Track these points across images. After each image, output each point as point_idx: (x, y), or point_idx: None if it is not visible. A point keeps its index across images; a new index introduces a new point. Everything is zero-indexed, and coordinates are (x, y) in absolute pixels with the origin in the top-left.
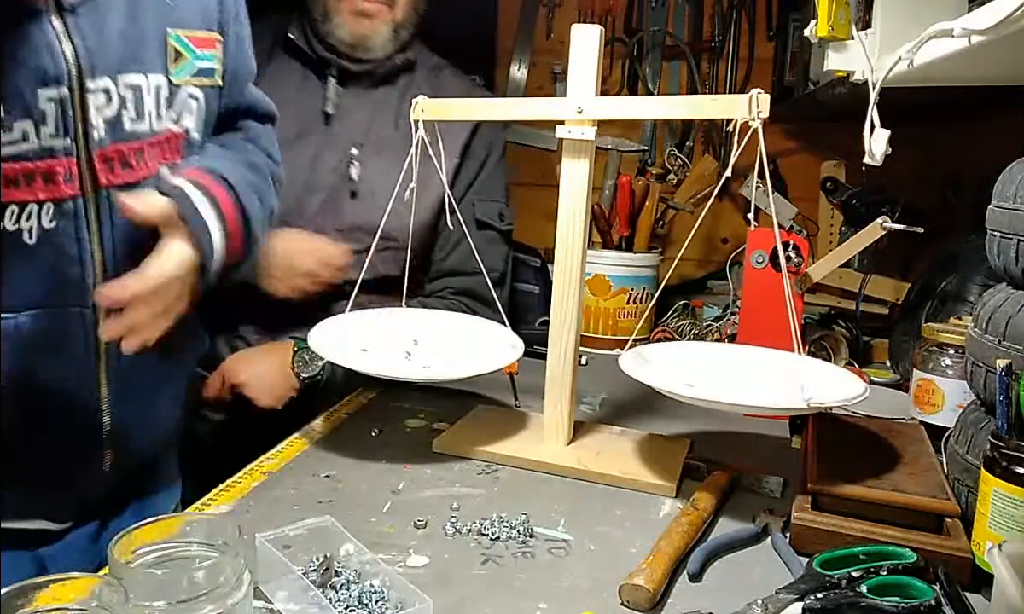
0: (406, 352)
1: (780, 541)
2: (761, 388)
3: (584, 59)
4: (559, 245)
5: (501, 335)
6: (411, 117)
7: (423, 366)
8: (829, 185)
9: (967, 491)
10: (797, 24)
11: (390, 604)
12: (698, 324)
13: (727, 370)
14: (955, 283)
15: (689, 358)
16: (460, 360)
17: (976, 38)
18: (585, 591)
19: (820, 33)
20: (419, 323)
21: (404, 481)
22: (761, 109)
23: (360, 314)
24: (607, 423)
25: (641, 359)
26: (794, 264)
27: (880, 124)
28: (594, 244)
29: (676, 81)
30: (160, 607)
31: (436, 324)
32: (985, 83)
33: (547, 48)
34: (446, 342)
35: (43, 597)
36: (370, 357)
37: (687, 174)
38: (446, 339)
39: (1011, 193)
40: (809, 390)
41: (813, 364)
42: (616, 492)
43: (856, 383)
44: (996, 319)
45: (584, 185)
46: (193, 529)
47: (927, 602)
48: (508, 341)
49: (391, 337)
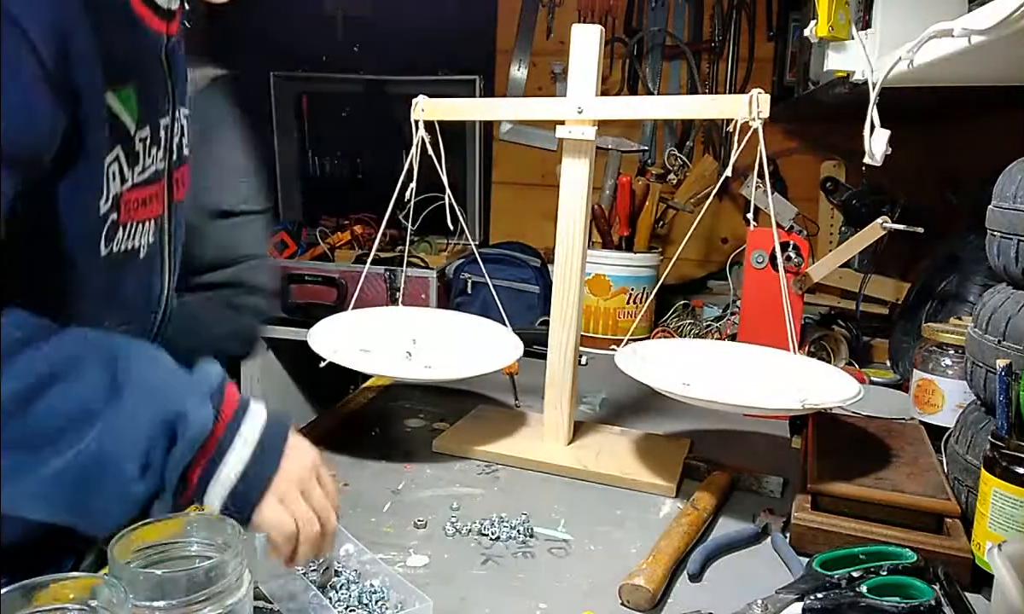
0: (406, 352)
1: (780, 541)
2: (757, 388)
3: (584, 59)
4: (559, 245)
5: (501, 334)
6: (411, 117)
7: (424, 366)
8: (829, 185)
9: (967, 491)
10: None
11: (390, 604)
12: (698, 324)
13: (724, 369)
14: (955, 283)
15: (686, 356)
16: (460, 359)
17: (976, 38)
18: (585, 591)
19: (820, 33)
20: (417, 322)
21: (404, 481)
22: (761, 109)
23: (356, 314)
24: (607, 423)
25: (638, 357)
26: (794, 264)
27: (880, 124)
28: (594, 244)
29: (676, 81)
30: (160, 607)
31: (435, 323)
32: (985, 83)
33: (547, 48)
34: (445, 341)
35: (43, 597)
36: (371, 357)
37: (687, 174)
38: (445, 338)
39: (1011, 193)
40: (805, 391)
41: (810, 364)
42: (616, 492)
43: (851, 384)
44: (996, 319)
45: (584, 185)
46: (193, 529)
47: (927, 602)
48: (508, 340)
49: (390, 336)
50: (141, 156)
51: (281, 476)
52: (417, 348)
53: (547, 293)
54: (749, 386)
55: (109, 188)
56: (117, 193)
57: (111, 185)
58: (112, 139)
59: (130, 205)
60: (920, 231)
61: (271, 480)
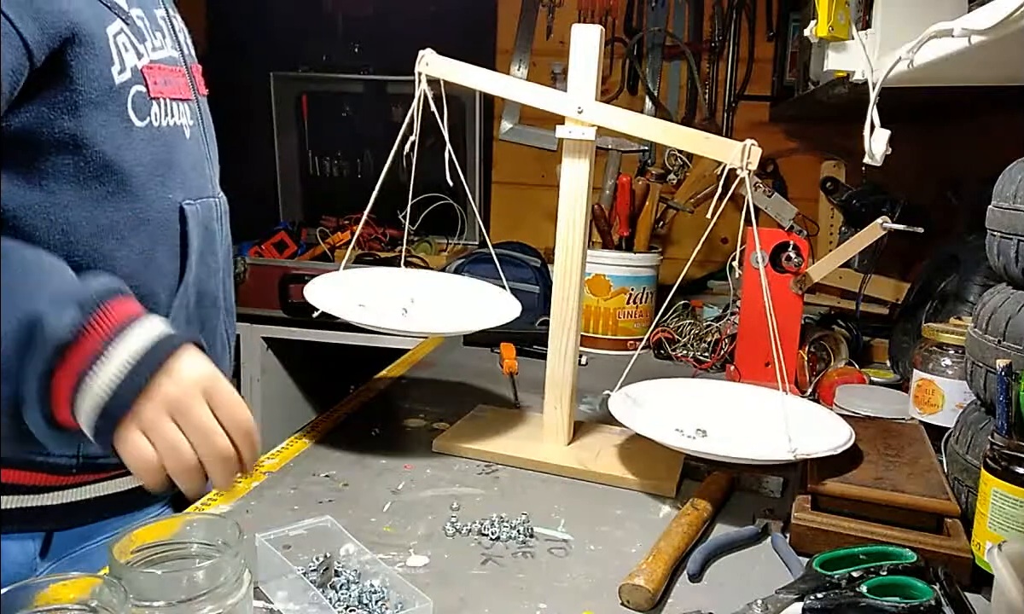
0: (403, 309)
1: (780, 541)
2: (750, 436)
3: (584, 59)
4: (559, 245)
5: (499, 295)
6: (415, 69)
7: (422, 322)
8: (829, 185)
9: (967, 491)
10: (797, 24)
11: (390, 604)
12: (698, 324)
13: (716, 412)
14: (955, 283)
15: (678, 398)
16: (456, 316)
17: (976, 38)
18: (585, 591)
19: (820, 33)
20: (415, 282)
21: (404, 481)
22: (751, 160)
23: (355, 272)
24: (607, 423)
25: (631, 401)
26: (794, 264)
27: (880, 124)
28: (594, 244)
29: (676, 81)
30: (160, 607)
31: (435, 284)
32: (985, 83)
33: (547, 48)
34: (442, 301)
35: (43, 597)
36: (365, 311)
37: (687, 174)
38: (443, 298)
39: (1011, 193)
40: (795, 440)
41: (802, 405)
42: (616, 492)
43: (842, 428)
44: (996, 319)
45: (584, 185)
46: (193, 529)
47: (927, 602)
48: (506, 301)
49: (387, 295)
50: (145, 33)
51: (147, 396)
52: (415, 306)
53: (547, 293)
54: (741, 431)
55: (124, 59)
56: (135, 66)
57: (125, 56)
58: (108, 9)
59: (156, 81)
60: (920, 231)
61: (135, 402)
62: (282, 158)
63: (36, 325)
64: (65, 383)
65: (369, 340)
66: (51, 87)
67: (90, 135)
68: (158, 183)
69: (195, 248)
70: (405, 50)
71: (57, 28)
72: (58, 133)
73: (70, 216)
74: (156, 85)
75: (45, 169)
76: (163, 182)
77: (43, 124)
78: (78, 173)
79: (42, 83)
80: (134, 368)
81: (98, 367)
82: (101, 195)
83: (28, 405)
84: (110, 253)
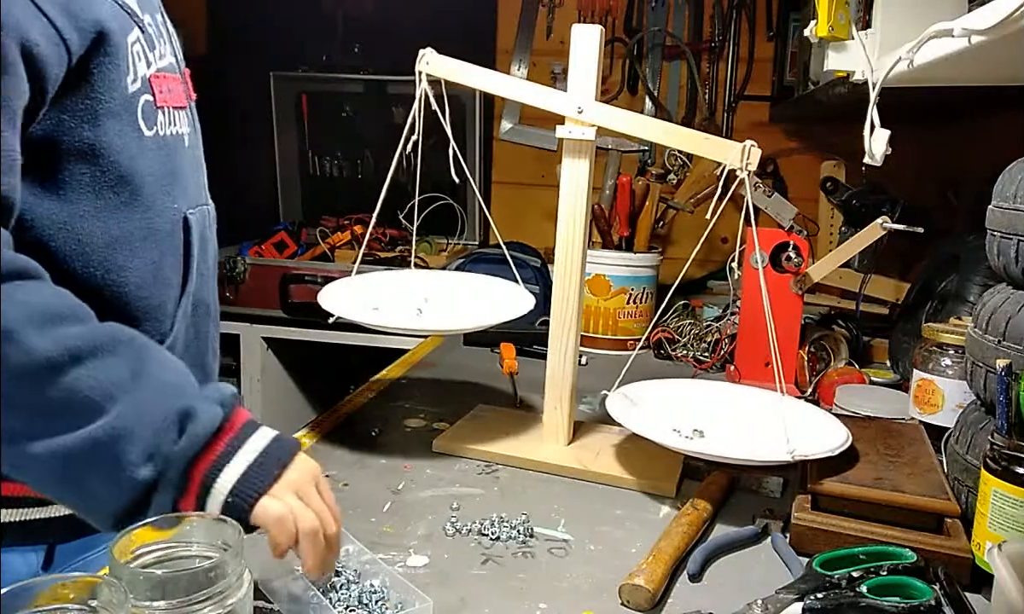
0: (417, 309)
1: (780, 541)
2: (748, 437)
3: (584, 59)
4: (559, 245)
5: (511, 290)
6: (415, 68)
7: (438, 321)
8: (829, 185)
9: (967, 491)
10: (797, 24)
11: (390, 604)
12: (698, 324)
13: (714, 412)
14: (955, 283)
15: (676, 399)
16: (472, 313)
17: (976, 38)
18: (585, 591)
19: (820, 33)
20: (427, 283)
21: (404, 481)
22: (751, 161)
23: (366, 276)
24: (607, 423)
25: (628, 401)
26: (794, 264)
27: (880, 124)
28: (594, 244)
29: (676, 81)
30: (160, 607)
31: (444, 283)
32: (985, 83)
33: (547, 48)
34: (456, 300)
35: (43, 597)
36: (381, 314)
37: (687, 174)
38: (456, 297)
39: (1011, 193)
40: (793, 441)
41: (799, 406)
42: (616, 492)
43: (838, 430)
44: (996, 319)
45: (584, 185)
46: (193, 529)
47: (927, 602)
48: (519, 295)
49: (402, 297)
50: (154, 40)
51: (280, 480)
52: (429, 306)
53: (547, 293)
54: (739, 431)
55: (136, 68)
56: (145, 75)
57: (137, 65)
58: (129, 17)
59: (162, 89)
60: (920, 231)
61: (271, 484)
62: (282, 158)
63: (191, 416)
64: (202, 469)
65: (369, 340)
66: (73, 95)
67: (107, 145)
68: (165, 193)
69: (196, 257)
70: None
71: (91, 34)
72: (78, 142)
73: (85, 226)
74: (161, 94)
75: (63, 178)
76: (169, 191)
77: (64, 132)
78: (95, 183)
79: (65, 90)
80: (264, 457)
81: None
82: (115, 205)
83: (163, 488)
84: (123, 264)
